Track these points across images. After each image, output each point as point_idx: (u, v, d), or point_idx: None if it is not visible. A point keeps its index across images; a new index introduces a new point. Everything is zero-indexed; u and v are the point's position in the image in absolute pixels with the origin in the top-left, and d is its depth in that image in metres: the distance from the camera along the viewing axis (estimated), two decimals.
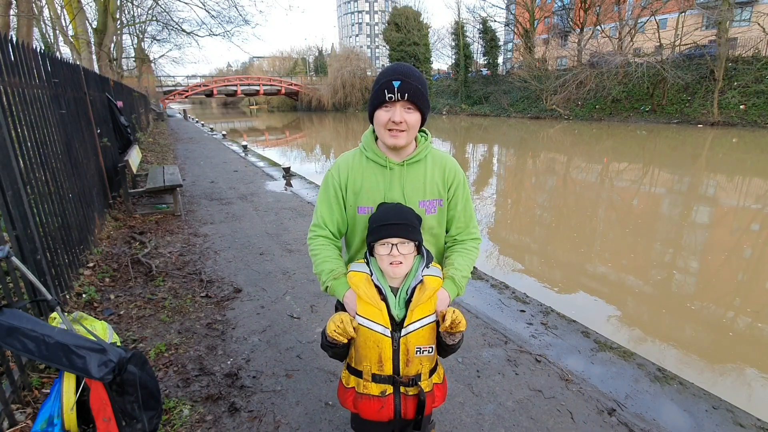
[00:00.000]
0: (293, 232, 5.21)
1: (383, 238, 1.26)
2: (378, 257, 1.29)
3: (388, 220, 1.28)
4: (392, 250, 1.25)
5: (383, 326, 1.26)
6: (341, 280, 1.37)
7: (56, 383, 1.80)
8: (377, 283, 1.28)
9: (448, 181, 1.45)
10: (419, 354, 1.28)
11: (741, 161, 12.95)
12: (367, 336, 1.27)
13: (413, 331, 1.26)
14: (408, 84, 1.26)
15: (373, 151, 1.41)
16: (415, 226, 1.30)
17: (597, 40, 28.90)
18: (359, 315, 1.27)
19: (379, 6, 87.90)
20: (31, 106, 3.06)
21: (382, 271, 1.31)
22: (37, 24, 14.13)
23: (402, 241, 1.26)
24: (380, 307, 1.26)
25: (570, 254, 5.72)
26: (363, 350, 1.29)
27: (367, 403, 1.33)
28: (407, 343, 1.27)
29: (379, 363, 1.28)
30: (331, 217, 1.46)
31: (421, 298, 1.26)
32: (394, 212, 1.31)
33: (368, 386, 1.32)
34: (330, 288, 1.39)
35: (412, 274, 1.31)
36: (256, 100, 63.37)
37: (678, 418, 2.16)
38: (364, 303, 1.27)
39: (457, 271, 1.40)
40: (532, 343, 2.82)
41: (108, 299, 3.36)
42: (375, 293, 1.27)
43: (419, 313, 1.26)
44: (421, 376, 1.32)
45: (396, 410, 1.33)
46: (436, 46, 48.91)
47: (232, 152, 13.16)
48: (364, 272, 1.31)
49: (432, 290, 1.28)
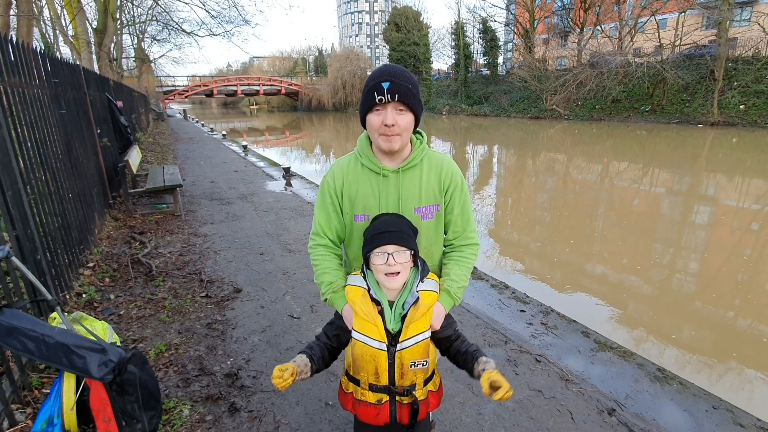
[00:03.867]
0: (293, 232, 5.21)
1: (378, 246, 1.26)
2: (374, 268, 1.29)
3: (382, 229, 1.28)
4: (388, 260, 1.24)
5: (379, 341, 1.28)
6: (340, 294, 1.40)
7: (56, 383, 1.80)
8: (375, 297, 1.29)
9: (445, 184, 1.41)
10: (414, 367, 1.31)
11: (741, 161, 12.94)
12: (363, 350, 1.30)
13: (408, 347, 1.29)
14: (398, 84, 1.23)
15: (368, 157, 1.38)
16: (410, 234, 1.30)
17: (597, 40, 28.91)
18: (356, 330, 1.31)
19: (379, 6, 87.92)
20: (31, 106, 3.06)
21: (378, 285, 1.31)
22: (37, 24, 14.14)
23: (397, 249, 1.25)
24: (377, 323, 1.28)
25: (570, 254, 5.72)
26: (360, 362, 1.33)
27: (364, 409, 1.37)
28: (402, 358, 1.29)
29: (376, 375, 1.32)
30: (329, 224, 1.46)
31: (415, 315, 1.28)
32: (389, 222, 1.31)
33: (365, 394, 1.36)
34: (329, 300, 1.43)
35: (408, 287, 1.31)
36: (256, 100, 63.30)
37: (678, 418, 2.16)
38: (361, 319, 1.29)
39: (453, 283, 1.41)
40: (532, 343, 2.82)
41: (108, 299, 3.36)
42: (371, 309, 1.28)
43: (414, 329, 1.28)
44: (415, 386, 1.35)
45: (392, 416, 1.37)
46: (436, 46, 48.94)
47: (232, 152, 13.16)
48: (361, 287, 1.31)
49: (426, 307, 1.29)
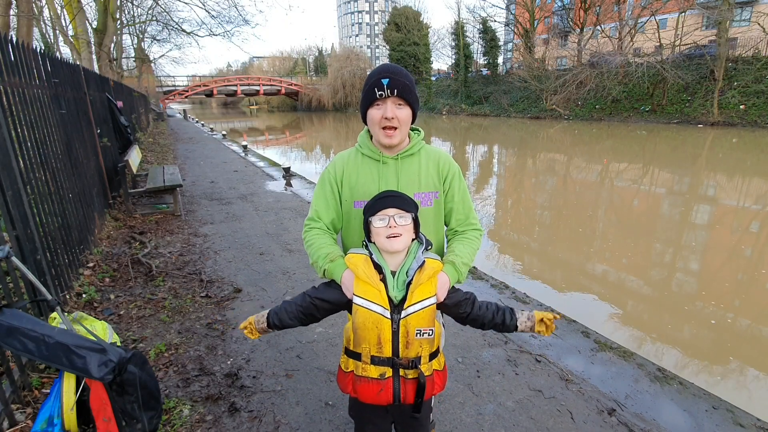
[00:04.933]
0: (293, 232, 5.21)
1: (380, 210, 1.26)
2: (375, 232, 1.27)
3: (383, 195, 1.30)
4: (389, 222, 1.24)
5: (382, 307, 1.24)
6: (338, 262, 1.36)
7: (56, 383, 1.80)
8: (377, 261, 1.27)
9: (443, 173, 1.47)
10: (419, 336, 1.27)
11: (741, 161, 12.95)
12: (365, 317, 1.25)
13: (413, 313, 1.25)
14: (397, 81, 1.31)
15: (368, 147, 1.46)
16: (411, 201, 1.31)
17: (597, 40, 28.91)
18: (357, 295, 1.26)
19: (379, 6, 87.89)
20: (31, 106, 3.06)
21: (381, 253, 1.30)
22: (37, 24, 14.13)
23: (398, 212, 1.25)
24: (379, 288, 1.25)
25: (570, 254, 5.72)
26: (362, 331, 1.27)
27: (366, 386, 1.31)
28: (407, 325, 1.25)
29: (378, 345, 1.27)
30: (327, 211, 1.48)
31: (421, 278, 1.25)
32: (389, 191, 1.34)
33: (367, 369, 1.30)
34: (327, 271, 1.37)
35: (411, 256, 1.30)
36: (256, 100, 63.27)
37: (678, 418, 2.16)
38: (363, 283, 1.26)
39: (458, 257, 1.40)
40: (532, 343, 2.82)
41: (108, 299, 3.36)
42: (374, 273, 1.26)
43: (420, 294, 1.25)
44: (420, 359, 1.30)
45: (395, 394, 1.31)
46: (436, 46, 49.00)
47: (232, 152, 13.16)
48: (362, 253, 1.31)
49: (432, 271, 1.27)
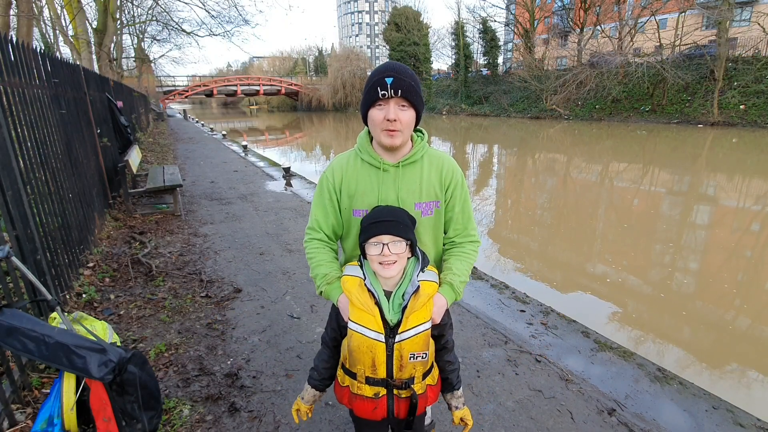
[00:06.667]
0: (293, 232, 5.21)
1: (373, 236, 1.23)
2: (369, 258, 1.26)
3: (378, 218, 1.26)
4: (383, 250, 1.22)
5: (376, 332, 1.24)
6: (335, 285, 1.36)
7: (56, 383, 1.80)
8: (370, 287, 1.26)
9: (446, 182, 1.41)
10: (413, 360, 1.27)
11: (741, 161, 12.94)
12: (360, 341, 1.26)
13: (407, 339, 1.25)
14: (401, 80, 1.23)
15: (368, 152, 1.38)
16: (407, 225, 1.28)
17: (597, 40, 28.89)
18: (352, 321, 1.26)
19: (379, 6, 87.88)
20: (31, 106, 3.06)
21: (374, 275, 1.29)
22: (37, 24, 14.14)
23: (393, 239, 1.22)
24: (373, 313, 1.24)
25: (570, 254, 5.72)
26: (357, 354, 1.28)
27: (361, 404, 1.34)
28: (401, 350, 1.25)
29: (373, 367, 1.28)
30: (326, 219, 1.45)
31: (416, 305, 1.24)
32: (386, 211, 1.29)
33: (362, 388, 1.32)
34: (324, 293, 1.39)
35: (407, 278, 1.29)
36: (256, 100, 63.31)
37: (678, 418, 2.16)
38: (357, 309, 1.25)
39: (456, 277, 1.38)
40: (532, 343, 2.82)
41: (108, 299, 3.36)
42: (368, 298, 1.25)
43: (414, 320, 1.24)
44: (414, 380, 1.31)
45: (389, 410, 1.33)
46: (436, 46, 48.95)
47: (232, 152, 13.16)
48: (357, 276, 1.29)
49: (427, 296, 1.26)
